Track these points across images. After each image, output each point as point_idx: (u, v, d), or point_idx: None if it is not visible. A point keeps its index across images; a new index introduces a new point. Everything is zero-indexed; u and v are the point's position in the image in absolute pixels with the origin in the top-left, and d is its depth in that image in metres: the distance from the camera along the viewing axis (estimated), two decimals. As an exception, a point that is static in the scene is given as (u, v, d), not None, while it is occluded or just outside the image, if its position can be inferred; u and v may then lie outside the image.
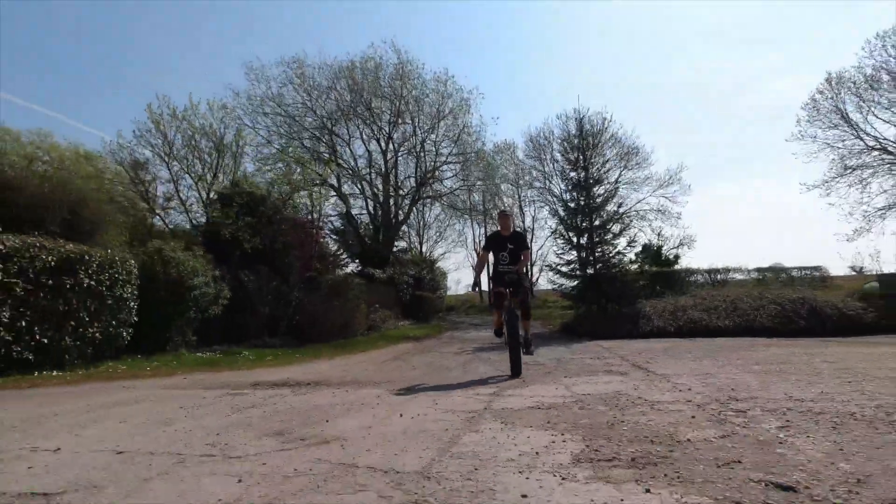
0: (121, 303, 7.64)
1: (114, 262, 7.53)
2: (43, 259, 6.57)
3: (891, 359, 5.72)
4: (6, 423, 3.29)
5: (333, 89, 22.19)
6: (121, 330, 7.64)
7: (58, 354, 6.74)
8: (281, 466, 2.11)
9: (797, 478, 1.82)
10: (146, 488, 1.91)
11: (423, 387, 4.76)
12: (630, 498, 1.70)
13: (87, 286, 7.07)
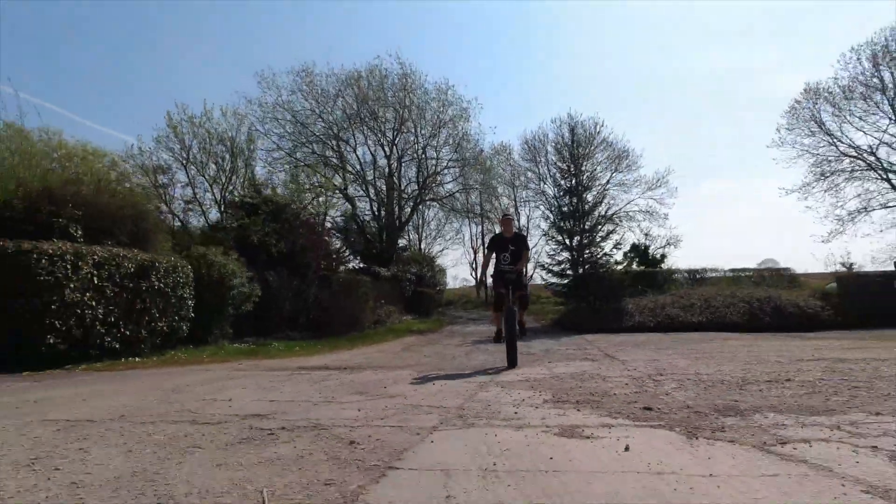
0: (181, 301, 9.16)
1: (176, 267, 9.04)
2: (125, 266, 8.06)
3: (801, 350, 7.32)
4: (166, 387, 4.81)
5: (340, 97, 23.60)
6: (181, 324, 9.16)
7: (135, 344, 8.26)
8: (375, 406, 3.62)
9: (659, 405, 3.36)
10: (314, 411, 3.42)
11: (439, 369, 6.29)
12: (569, 414, 3.23)
13: (157, 288, 8.57)
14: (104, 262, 7.75)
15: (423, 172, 24.12)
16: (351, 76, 23.38)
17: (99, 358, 7.62)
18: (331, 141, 23.98)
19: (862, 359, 5.69)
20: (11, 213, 8.14)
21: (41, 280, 6.88)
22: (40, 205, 8.41)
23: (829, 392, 3.74)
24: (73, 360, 7.29)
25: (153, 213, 10.39)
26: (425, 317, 21.98)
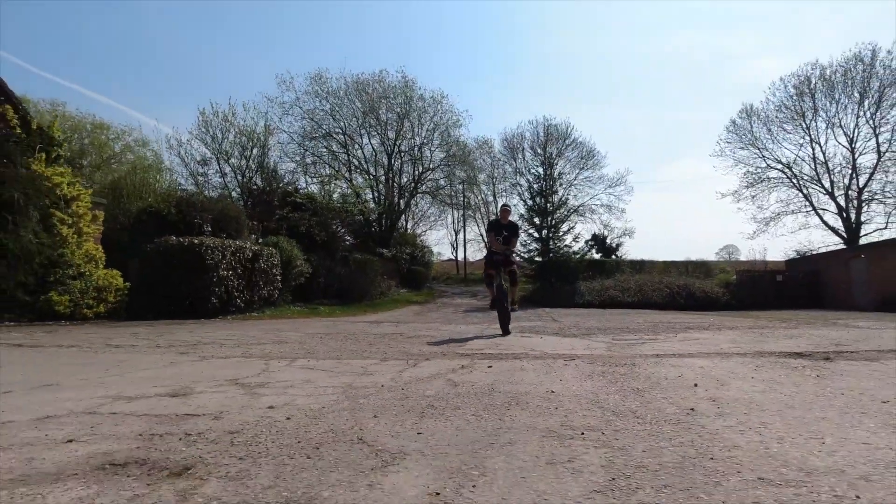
0: (274, 277, 13.49)
1: (272, 253, 13.33)
2: (246, 253, 12.33)
3: (671, 317, 12.18)
4: (324, 322, 9.28)
5: (350, 101, 27.50)
6: (275, 291, 13.51)
7: (251, 304, 12.59)
8: (458, 325, 8.15)
9: (566, 332, 8.00)
10: (443, 328, 7.93)
11: (448, 324, 10.84)
12: (526, 334, 7.83)
13: (263, 267, 12.87)
14: (236, 250, 12.02)
15: (419, 168, 28.41)
16: (359, 82, 27.28)
17: (233, 313, 11.95)
18: (340, 137, 27.93)
19: (684, 321, 10.53)
20: (171, 217, 12.26)
21: (208, 263, 11.14)
22: (185, 210, 12.55)
23: (652, 329, 8.43)
24: (220, 314, 11.61)
25: (243, 213, 14.53)
26: (418, 290, 26.57)
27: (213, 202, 13.19)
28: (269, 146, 26.39)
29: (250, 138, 25.33)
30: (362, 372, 3.50)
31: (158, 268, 11.04)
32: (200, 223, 12.54)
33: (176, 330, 7.92)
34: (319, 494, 1.26)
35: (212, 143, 25.00)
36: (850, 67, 28.00)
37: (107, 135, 23.53)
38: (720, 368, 3.59)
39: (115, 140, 24.50)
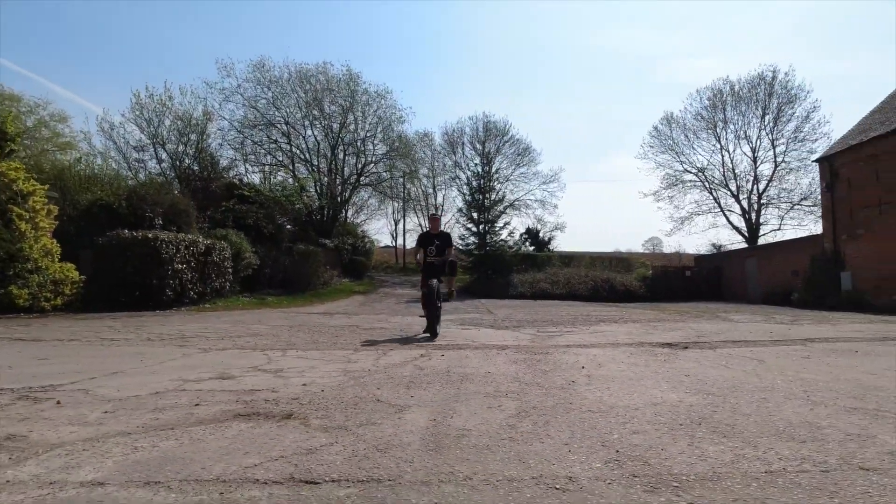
0: (226, 269, 14.00)
1: (224, 247, 13.83)
2: (199, 247, 12.81)
3: (589, 309, 14.00)
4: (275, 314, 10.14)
5: (294, 90, 27.57)
6: (226, 283, 14.04)
7: (203, 296, 13.10)
8: (404, 316, 9.28)
9: (500, 324, 9.39)
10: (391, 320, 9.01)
11: (396, 315, 12.01)
12: (466, 326, 9.14)
13: (215, 261, 13.38)
14: (190, 244, 12.50)
15: (362, 160, 29.05)
16: (303, 72, 27.42)
17: (186, 304, 12.45)
18: (283, 127, 27.98)
19: (600, 314, 12.30)
20: (121, 210, 12.48)
21: (163, 256, 11.61)
22: (135, 203, 12.80)
23: (572, 321, 9.99)
24: (174, 305, 12.10)
25: (192, 206, 14.85)
26: (359, 280, 27.41)
27: (163, 195, 13.48)
28: (208, 133, 26.13)
29: (188, 124, 24.97)
30: (347, 360, 4.63)
31: (111, 260, 11.38)
32: (151, 216, 12.86)
33: (146, 322, 8.57)
34: (375, 421, 2.44)
35: (147, 128, 24.49)
36: (754, 85, 31.64)
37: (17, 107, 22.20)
38: (605, 356, 5.04)
39: (27, 114, 23.22)
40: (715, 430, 2.28)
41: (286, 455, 1.93)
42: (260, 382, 3.45)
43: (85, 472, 1.74)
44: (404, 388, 3.30)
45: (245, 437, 2.19)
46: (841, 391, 3.18)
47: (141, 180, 21.41)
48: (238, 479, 1.67)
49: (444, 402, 2.91)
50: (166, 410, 2.65)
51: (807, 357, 4.86)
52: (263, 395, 3.04)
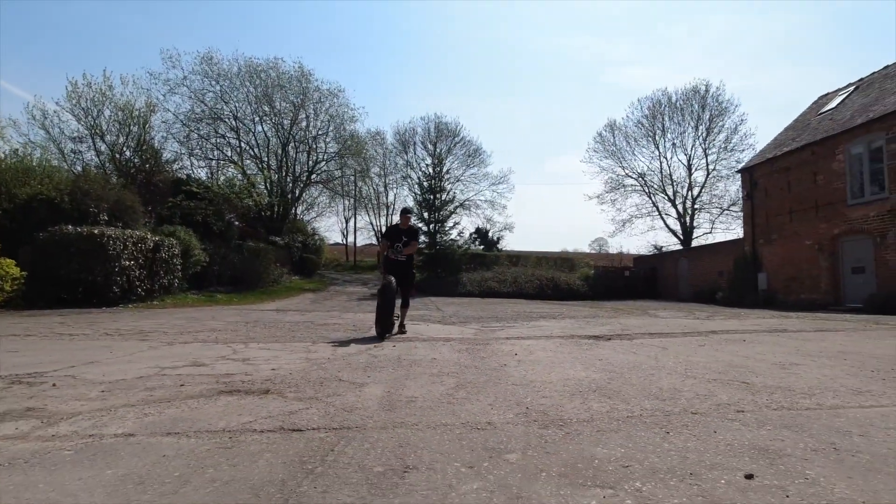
0: (174, 266, 13.92)
1: (173, 244, 13.76)
2: (147, 244, 12.73)
3: (532, 307, 14.90)
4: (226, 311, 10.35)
5: (243, 84, 27.19)
6: (175, 280, 13.96)
7: (151, 293, 13.02)
8: (356, 313, 9.72)
9: (448, 320, 10.03)
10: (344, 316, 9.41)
11: (348, 312, 12.43)
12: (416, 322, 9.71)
13: (163, 257, 13.31)
14: (138, 241, 12.42)
15: (313, 158, 29.02)
16: (253, 66, 27.09)
17: (134, 301, 12.36)
18: (231, 121, 27.54)
19: (542, 311, 13.19)
20: (64, 205, 12.22)
21: (110, 253, 11.52)
22: (79, 198, 12.55)
23: (514, 318, 10.75)
24: (121, 302, 12.01)
25: (138, 202, 14.63)
26: (309, 278, 27.43)
27: (108, 190, 13.26)
28: (151, 125, 25.37)
29: (129, 115, 24.17)
30: (307, 351, 5.12)
31: (53, 257, 11.19)
32: (96, 212, 12.66)
33: (98, 319, 8.63)
34: (340, 393, 2.99)
35: (85, 118, 23.53)
36: (689, 97, 33.96)
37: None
38: (537, 346, 5.76)
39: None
40: (603, 394, 2.98)
41: (273, 415, 2.46)
42: (232, 368, 3.91)
43: (114, 429, 2.20)
44: (361, 370, 3.86)
45: (234, 405, 2.69)
46: (712, 368, 4.01)
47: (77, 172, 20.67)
48: (240, 430, 2.19)
49: (396, 380, 3.49)
50: (157, 390, 3.09)
51: (702, 345, 5.77)
52: (239, 377, 3.52)
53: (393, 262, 7.21)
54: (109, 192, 13.35)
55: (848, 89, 19.53)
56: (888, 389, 3.11)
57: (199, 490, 1.53)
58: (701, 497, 1.49)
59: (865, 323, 8.95)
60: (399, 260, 7.20)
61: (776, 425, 2.29)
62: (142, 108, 24.60)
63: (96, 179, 13.24)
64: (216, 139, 27.49)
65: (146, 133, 24.96)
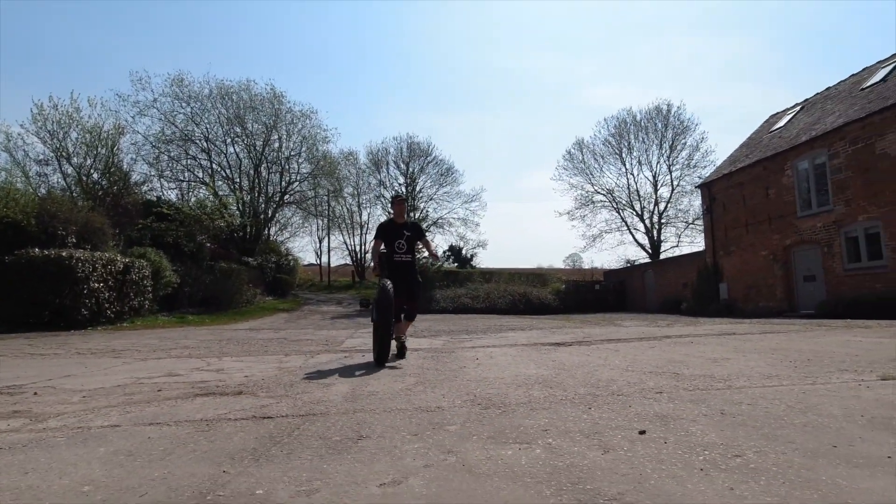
0: (144, 287, 13.86)
1: (143, 265, 13.72)
2: (117, 266, 12.70)
3: (501, 321, 15.27)
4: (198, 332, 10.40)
5: (214, 106, 27.26)
6: (145, 301, 13.88)
7: (121, 315, 12.94)
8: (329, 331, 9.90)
9: (423, 334, 10.30)
10: (317, 333, 9.56)
11: (321, 330, 12.58)
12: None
13: (134, 279, 13.26)
14: (107, 263, 12.39)
15: (286, 179, 29.14)
16: (224, 88, 27.22)
17: (103, 324, 12.27)
18: (202, 143, 27.51)
19: (512, 324, 13.57)
20: (30, 228, 12.13)
21: (79, 275, 11.47)
22: (46, 221, 12.48)
23: (484, 331, 11.08)
24: (90, 325, 11.92)
25: (107, 224, 14.57)
26: (283, 298, 27.31)
27: (76, 213, 13.21)
28: (119, 147, 25.19)
29: (97, 137, 23.97)
30: (279, 362, 5.35)
31: (20, 280, 11.09)
32: (64, 234, 12.59)
33: (68, 340, 8.64)
34: (308, 391, 3.27)
35: (51, 141, 23.25)
36: (653, 116, 35.40)
37: None
38: (499, 352, 6.11)
39: None
40: (546, 385, 3.34)
41: (246, 409, 2.73)
42: (206, 377, 4.13)
43: (99, 422, 2.44)
44: (330, 375, 4.13)
45: (210, 403, 2.95)
46: (651, 364, 4.41)
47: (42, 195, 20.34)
48: (216, 419, 2.46)
49: (362, 380, 3.79)
50: (136, 395, 3.31)
51: (652, 347, 6.20)
52: (213, 383, 3.76)
53: (395, 264, 5.57)
54: (78, 215, 13.29)
55: (795, 109, 20.81)
56: (794, 374, 3.55)
57: (183, 457, 1.81)
58: (598, 445, 1.84)
59: (809, 326, 9.59)
60: (403, 260, 5.62)
61: (683, 400, 2.68)
62: (110, 131, 24.47)
63: (63, 202, 13.18)
64: (187, 160, 27.43)
65: (114, 155, 24.78)
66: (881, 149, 13.89)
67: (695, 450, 1.78)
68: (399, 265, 5.63)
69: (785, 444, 1.82)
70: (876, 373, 3.52)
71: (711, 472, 1.55)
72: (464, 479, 1.54)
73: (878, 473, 1.50)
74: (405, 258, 5.68)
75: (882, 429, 2.01)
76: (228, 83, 27.13)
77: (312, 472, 1.63)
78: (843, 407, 2.44)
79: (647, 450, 1.79)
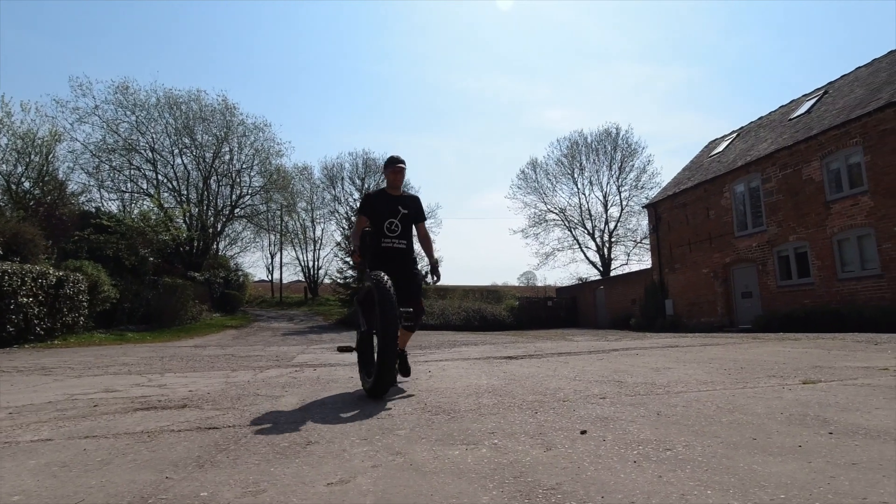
0: (80, 302, 13.08)
1: (78, 279, 12.97)
2: (49, 279, 11.96)
3: (455, 336, 15.32)
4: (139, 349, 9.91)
5: (161, 115, 26.36)
6: (80, 318, 13.09)
7: (52, 332, 12.14)
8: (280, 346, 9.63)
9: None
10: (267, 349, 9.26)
11: (271, 346, 12.25)
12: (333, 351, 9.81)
13: (68, 294, 12.51)
14: (38, 276, 11.65)
15: (237, 192, 28.40)
16: (173, 98, 26.39)
17: (32, 341, 11.48)
18: (147, 153, 26.47)
19: (467, 339, 13.64)
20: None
21: (4, 289, 10.74)
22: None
23: (438, 346, 11.07)
24: (16, 342, 11.12)
25: (39, 236, 13.74)
26: (232, 314, 26.41)
27: (4, 223, 12.40)
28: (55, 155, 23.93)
29: (30, 144, 22.69)
30: (227, 377, 5.19)
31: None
32: (-8, 245, 11.79)
33: (-9, 359, 8.01)
34: (256, 403, 3.20)
35: (-20, 147, 21.81)
36: (603, 138, 36.84)
37: None
38: (452, 365, 6.16)
39: None
40: (496, 394, 3.42)
41: (190, 420, 2.65)
42: (148, 392, 3.96)
43: (30, 436, 2.32)
44: (280, 388, 4.06)
45: (151, 416, 2.84)
46: (598, 374, 4.58)
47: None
48: (158, 430, 2.38)
49: (313, 391, 3.75)
50: (69, 410, 3.14)
51: (600, 359, 6.42)
52: (155, 398, 3.61)
53: (384, 252, 4.00)
54: (6, 226, 12.48)
55: (732, 136, 22.23)
56: (727, 380, 3.79)
57: (122, 466, 1.75)
58: (541, 444, 1.92)
59: (745, 339, 10.17)
60: (395, 247, 4.06)
61: (624, 404, 2.81)
62: (45, 137, 23.25)
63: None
64: (130, 171, 26.28)
65: (49, 163, 23.51)
66: (807, 175, 15.04)
67: (630, 446, 1.89)
68: (389, 254, 4.00)
69: (711, 438, 1.95)
70: (799, 378, 3.80)
71: (643, 463, 1.65)
72: (411, 476, 1.57)
73: (788, 460, 1.65)
74: (398, 244, 4.07)
75: (797, 424, 2.19)
76: (177, 92, 26.37)
77: (259, 475, 1.62)
78: (766, 406, 2.64)
79: (586, 447, 1.89)
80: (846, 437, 1.92)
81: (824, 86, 18.08)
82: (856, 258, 13.71)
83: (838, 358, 5.34)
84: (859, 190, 13.50)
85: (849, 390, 3.10)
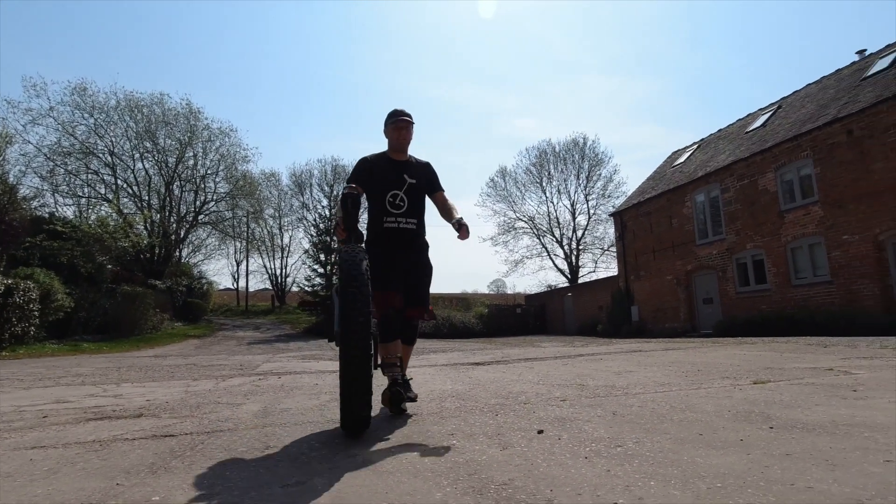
0: (30, 312, 12.52)
1: (29, 288, 12.42)
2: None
3: (426, 345, 15.31)
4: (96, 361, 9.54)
5: (122, 119, 25.60)
6: (30, 328, 12.52)
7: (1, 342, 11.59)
8: (244, 356, 9.42)
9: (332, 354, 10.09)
10: (231, 358, 9.02)
11: (237, 356, 11.99)
12: (307, 360, 9.66)
13: (17, 302, 11.96)
14: (-15, 284, 11.13)
15: (201, 198, 27.76)
16: (133, 101, 25.67)
17: (-22, 352, 10.93)
18: (106, 157, 25.63)
19: (436, 347, 13.63)
20: None
21: (-51, 298, 10.23)
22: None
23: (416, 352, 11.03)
24: (-39, 354, 10.58)
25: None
26: (195, 324, 25.70)
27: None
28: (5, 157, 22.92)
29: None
30: (187, 386, 5.06)
31: None
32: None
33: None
34: (216, 411, 3.14)
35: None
36: (570, 148, 37.55)
37: None
38: (419, 372, 6.17)
39: None
40: (460, 398, 3.46)
41: (146, 429, 2.59)
42: (102, 402, 3.83)
43: (-28, 448, 2.22)
44: (242, 395, 3.99)
45: (104, 426, 2.76)
46: (561, 378, 4.68)
47: None
48: (111, 440, 2.32)
49: (275, 398, 3.70)
50: (16, 422, 3.02)
51: (565, 364, 6.54)
52: (110, 408, 3.50)
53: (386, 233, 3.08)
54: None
55: (693, 147, 23.03)
56: (683, 382, 3.93)
57: (70, 475, 1.70)
58: (498, 444, 1.97)
59: (705, 343, 10.52)
60: (402, 227, 3.11)
61: (583, 406, 2.89)
62: (0, 145, 22.27)
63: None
64: (88, 175, 25.37)
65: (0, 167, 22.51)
66: (762, 185, 15.71)
67: (584, 443, 1.95)
68: (393, 236, 3.06)
69: (661, 435, 2.04)
70: (750, 379, 3.97)
71: (594, 459, 1.71)
72: (367, 476, 1.59)
73: (729, 452, 1.74)
74: (406, 224, 3.10)
75: (742, 420, 2.30)
76: (139, 95, 25.70)
77: (214, 479, 1.60)
78: (716, 405, 2.76)
79: (541, 445, 1.94)
80: (784, 431, 2.03)
81: (778, 101, 18.97)
82: (808, 265, 14.37)
83: (789, 360, 5.59)
84: (810, 200, 14.19)
85: (794, 389, 3.26)
